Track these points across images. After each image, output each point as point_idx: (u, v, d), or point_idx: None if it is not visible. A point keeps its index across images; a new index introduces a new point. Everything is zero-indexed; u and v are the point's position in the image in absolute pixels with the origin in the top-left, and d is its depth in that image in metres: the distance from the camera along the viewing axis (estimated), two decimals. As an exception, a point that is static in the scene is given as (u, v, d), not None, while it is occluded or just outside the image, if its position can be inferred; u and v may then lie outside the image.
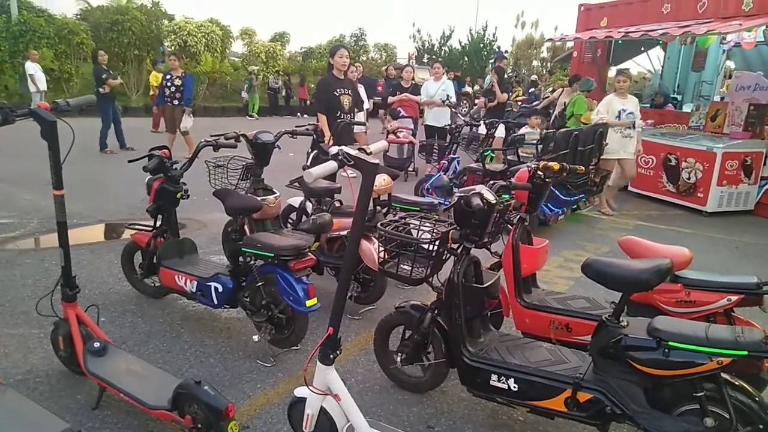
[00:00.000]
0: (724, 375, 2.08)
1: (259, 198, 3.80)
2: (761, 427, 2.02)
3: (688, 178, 7.25)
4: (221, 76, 19.85)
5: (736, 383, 2.11)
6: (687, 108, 10.09)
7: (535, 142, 6.94)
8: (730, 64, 11.08)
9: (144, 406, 2.39)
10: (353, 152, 1.99)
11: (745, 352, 1.96)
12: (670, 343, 2.07)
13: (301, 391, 2.36)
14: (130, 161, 3.71)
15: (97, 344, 2.68)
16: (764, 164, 7.02)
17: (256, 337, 3.17)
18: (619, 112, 6.84)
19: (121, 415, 2.59)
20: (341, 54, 5.71)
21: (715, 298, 2.69)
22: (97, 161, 8.98)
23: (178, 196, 3.62)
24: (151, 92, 13.76)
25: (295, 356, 3.22)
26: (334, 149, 1.99)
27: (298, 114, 19.56)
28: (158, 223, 3.74)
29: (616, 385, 2.25)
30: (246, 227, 3.77)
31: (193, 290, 3.40)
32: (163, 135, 10.23)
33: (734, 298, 2.66)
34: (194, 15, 25.39)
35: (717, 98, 9.53)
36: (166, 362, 3.11)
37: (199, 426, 2.28)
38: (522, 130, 7.75)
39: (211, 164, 3.99)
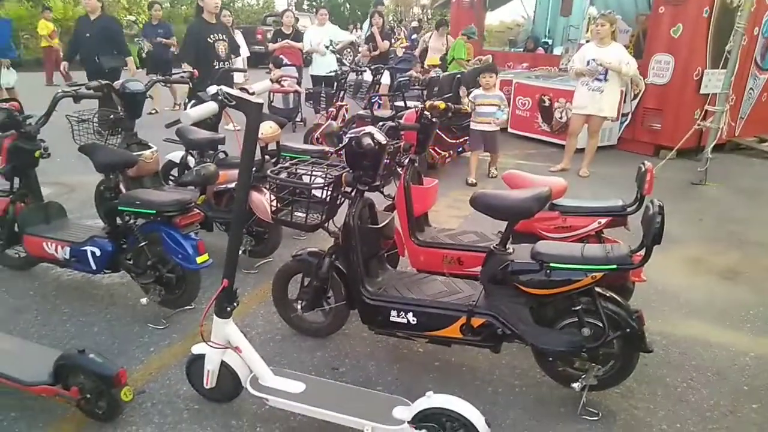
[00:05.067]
0: (597, 289, 2.29)
1: (133, 153, 3.50)
2: (628, 330, 2.27)
3: (560, 118, 7.76)
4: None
5: (607, 295, 2.34)
6: (557, 51, 10.70)
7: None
8: (593, 9, 11.82)
9: (21, 385, 2.18)
10: (234, 92, 1.87)
11: (615, 267, 2.17)
12: (551, 264, 2.23)
13: (199, 348, 2.28)
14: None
15: (-48, 326, 2.38)
16: (624, 102, 7.66)
17: (144, 300, 2.97)
18: (588, 62, 6.04)
19: (-6, 399, 2.34)
20: None
21: (587, 222, 2.94)
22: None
23: (37, 154, 3.22)
24: (44, 43, 13.06)
25: (190, 315, 3.08)
26: (212, 89, 1.85)
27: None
28: (15, 187, 3.32)
29: (505, 308, 2.40)
30: (121, 185, 3.47)
31: (66, 257, 3.11)
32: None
33: (604, 220, 2.93)
34: (37, -47, 22.19)
35: (583, 41, 10.18)
36: (43, 336, 2.85)
37: (88, 396, 2.12)
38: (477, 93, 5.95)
39: (74, 119, 3.59)
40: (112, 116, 3.76)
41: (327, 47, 8.24)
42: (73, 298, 3.27)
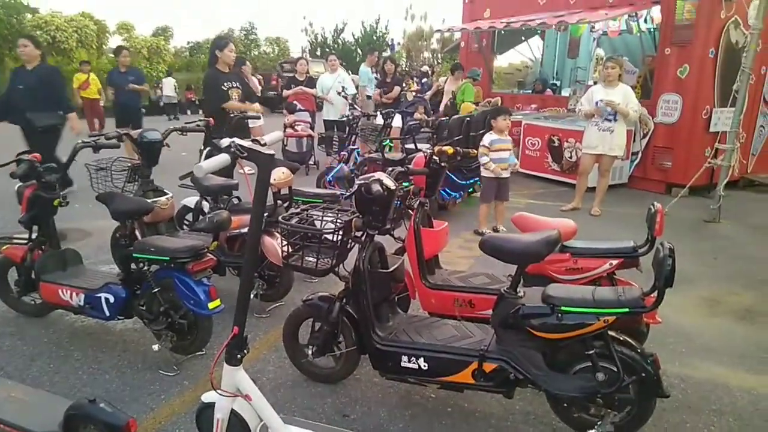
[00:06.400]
0: (610, 332, 2.26)
1: (149, 200, 3.58)
2: (643, 375, 2.23)
3: (570, 157, 7.80)
4: (99, 73, 18.47)
5: (621, 338, 2.31)
6: (565, 92, 10.85)
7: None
8: (600, 51, 12.02)
9: (31, 435, 2.17)
10: (246, 144, 1.92)
11: (627, 310, 2.15)
12: (563, 307, 2.22)
13: (209, 396, 2.26)
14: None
15: (-34, 374, 2.40)
16: (634, 141, 7.70)
17: (156, 347, 2.99)
18: (596, 103, 6.15)
19: (5, 448, 2.34)
20: (231, 48, 5.57)
21: (598, 263, 2.92)
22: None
23: (56, 203, 3.31)
24: (83, 94, 12.73)
25: (201, 362, 3.07)
26: (225, 141, 1.91)
27: (188, 111, 18.70)
28: (34, 235, 3.40)
29: (517, 352, 2.37)
30: (137, 232, 3.54)
31: (81, 303, 3.14)
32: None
33: (615, 262, 2.90)
34: (63, 9, 23.27)
35: (590, 83, 10.32)
36: (55, 384, 2.86)
37: (97, 447, 2.11)
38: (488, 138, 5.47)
39: (92, 167, 3.71)
40: (130, 164, 3.87)
41: (339, 93, 8.46)
42: (86, 344, 3.28)
